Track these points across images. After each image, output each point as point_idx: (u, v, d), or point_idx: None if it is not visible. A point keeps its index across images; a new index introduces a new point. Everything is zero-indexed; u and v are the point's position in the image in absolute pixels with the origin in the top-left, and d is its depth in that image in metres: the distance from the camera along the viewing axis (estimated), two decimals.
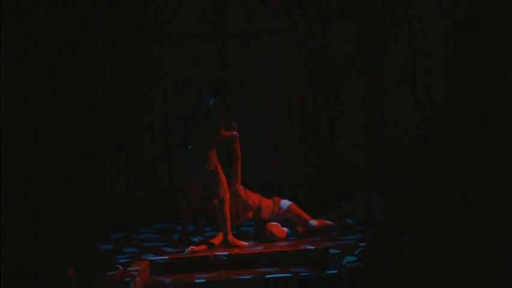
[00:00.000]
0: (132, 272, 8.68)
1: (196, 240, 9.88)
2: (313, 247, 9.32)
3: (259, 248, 9.44)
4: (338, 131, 11.58)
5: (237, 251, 9.35)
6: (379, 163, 10.91)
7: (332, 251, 9.04)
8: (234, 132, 9.67)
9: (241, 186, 9.88)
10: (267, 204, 9.95)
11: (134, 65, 11.45)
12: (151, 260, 9.22)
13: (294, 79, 11.63)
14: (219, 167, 9.53)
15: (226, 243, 9.58)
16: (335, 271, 8.74)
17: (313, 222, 9.94)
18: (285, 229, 9.94)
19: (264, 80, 11.55)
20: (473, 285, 8.05)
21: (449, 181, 9.96)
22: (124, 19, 11.28)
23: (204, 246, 9.53)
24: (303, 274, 8.81)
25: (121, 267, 8.70)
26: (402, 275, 8.15)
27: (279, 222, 9.96)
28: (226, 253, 9.27)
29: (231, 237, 9.60)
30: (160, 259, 9.24)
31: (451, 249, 8.45)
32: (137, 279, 8.62)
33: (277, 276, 8.79)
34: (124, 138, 11.48)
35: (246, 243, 9.65)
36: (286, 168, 11.56)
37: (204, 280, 8.82)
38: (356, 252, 8.63)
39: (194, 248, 9.40)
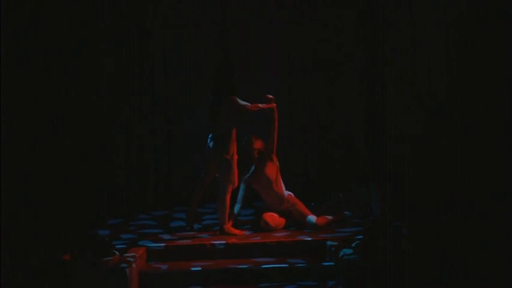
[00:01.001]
0: (129, 258, 8.68)
1: (196, 228, 9.93)
2: (310, 238, 9.31)
3: (257, 238, 9.43)
4: (338, 122, 11.56)
5: (233, 240, 9.35)
6: (379, 157, 10.90)
7: (329, 242, 9.04)
8: (272, 104, 9.77)
9: (277, 163, 9.99)
10: (281, 194, 9.97)
11: (135, 53, 11.44)
12: (147, 246, 9.23)
13: (295, 70, 11.61)
14: (235, 158, 9.58)
15: (222, 232, 9.60)
16: (332, 263, 8.74)
17: (314, 219, 9.90)
18: (283, 219, 9.94)
19: (265, 71, 11.52)
20: (473, 285, 8.06)
21: (449, 179, 9.95)
22: (125, 11, 11.30)
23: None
24: (299, 265, 8.82)
25: (117, 253, 8.70)
26: (399, 268, 8.15)
27: (278, 213, 9.96)
28: (223, 242, 9.27)
29: (227, 226, 9.62)
30: (156, 246, 9.25)
31: (451, 249, 8.47)
32: (134, 265, 8.62)
33: (274, 267, 8.80)
34: (124, 125, 11.47)
35: (242, 232, 9.66)
36: (286, 158, 11.53)
37: (200, 268, 8.84)
38: (353, 244, 8.62)
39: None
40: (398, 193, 9.88)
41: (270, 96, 9.80)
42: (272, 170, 9.93)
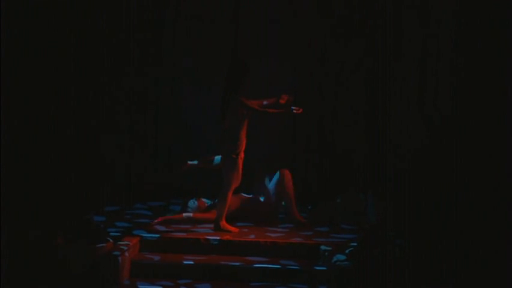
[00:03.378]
0: (122, 247, 8.70)
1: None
2: (304, 241, 9.30)
3: (251, 237, 9.43)
4: (341, 128, 11.53)
5: (228, 236, 9.35)
6: (379, 164, 10.89)
7: (322, 247, 9.03)
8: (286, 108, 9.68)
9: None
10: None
11: (140, 44, 11.44)
12: (141, 236, 9.23)
13: (301, 74, 11.57)
14: (242, 156, 9.57)
15: (217, 227, 9.60)
16: (324, 268, 8.73)
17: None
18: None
19: (271, 72, 11.49)
20: (473, 285, 8.06)
21: (450, 187, 9.95)
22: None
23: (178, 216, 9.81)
24: (291, 267, 8.81)
25: (111, 241, 8.70)
26: (391, 277, 8.15)
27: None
28: (217, 238, 9.27)
29: (223, 222, 9.62)
30: (151, 236, 9.25)
31: (451, 251, 8.48)
32: (127, 254, 8.64)
33: (266, 267, 8.80)
34: (126, 115, 11.47)
35: (237, 229, 9.65)
36: (286, 160, 11.52)
37: (192, 262, 8.84)
38: (347, 251, 8.62)
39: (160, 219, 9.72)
40: (396, 200, 9.88)
41: (286, 97, 9.74)
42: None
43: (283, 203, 10.26)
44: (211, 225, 9.74)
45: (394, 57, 11.11)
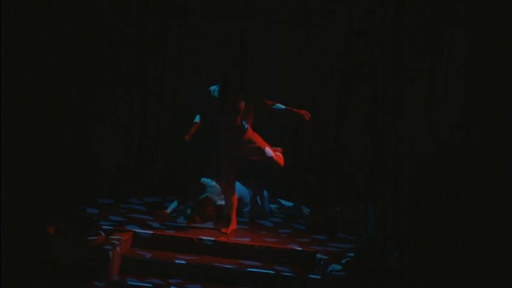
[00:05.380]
0: (113, 241, 8.62)
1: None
2: (300, 248, 9.19)
3: (246, 239, 9.31)
4: (344, 135, 11.45)
5: (223, 238, 9.24)
6: (382, 175, 10.83)
7: (318, 255, 8.93)
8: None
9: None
10: None
11: (149, 37, 11.37)
12: (134, 231, 9.12)
13: (306, 77, 11.47)
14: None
15: (226, 224, 9.53)
16: (318, 276, 8.63)
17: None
18: None
19: (277, 74, 11.39)
20: (473, 285, 8.05)
21: (449, 188, 9.95)
22: None
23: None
24: (285, 273, 8.71)
25: (103, 234, 8.61)
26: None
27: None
28: (212, 238, 9.16)
29: (233, 216, 9.52)
30: (144, 232, 9.14)
31: (451, 251, 8.49)
32: (118, 248, 8.56)
33: (259, 271, 8.70)
34: (127, 111, 11.40)
35: (227, 231, 9.48)
36: (288, 164, 11.43)
37: (184, 262, 8.74)
38: (343, 261, 8.53)
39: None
40: (396, 200, 9.86)
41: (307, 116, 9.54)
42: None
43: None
44: (209, 225, 9.69)
45: (402, 63, 11.06)
